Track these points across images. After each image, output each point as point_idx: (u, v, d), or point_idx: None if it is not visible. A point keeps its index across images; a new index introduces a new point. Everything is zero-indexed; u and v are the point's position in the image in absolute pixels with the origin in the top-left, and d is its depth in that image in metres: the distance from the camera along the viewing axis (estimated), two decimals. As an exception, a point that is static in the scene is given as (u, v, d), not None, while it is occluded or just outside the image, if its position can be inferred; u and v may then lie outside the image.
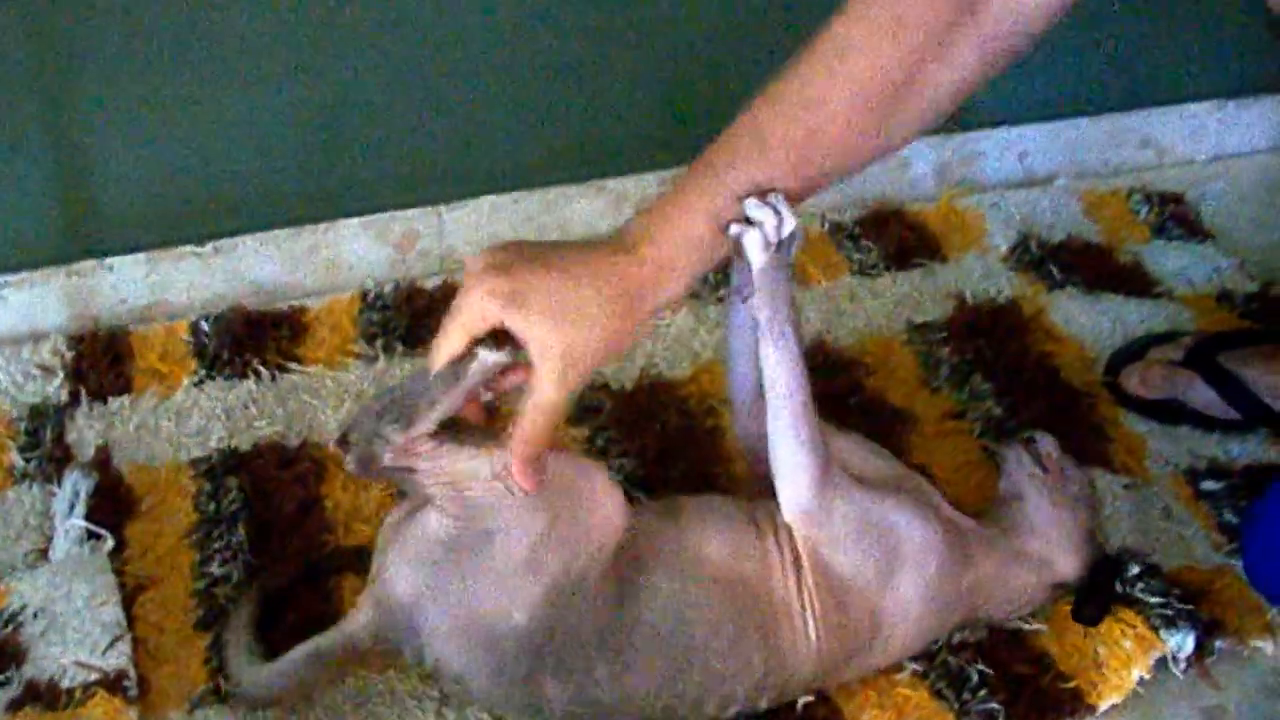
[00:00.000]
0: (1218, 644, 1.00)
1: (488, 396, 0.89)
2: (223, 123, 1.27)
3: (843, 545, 0.90)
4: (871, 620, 0.91)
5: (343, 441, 0.85)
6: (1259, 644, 1.01)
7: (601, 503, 0.87)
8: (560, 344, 0.81)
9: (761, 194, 0.87)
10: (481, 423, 0.89)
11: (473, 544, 0.84)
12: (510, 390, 0.87)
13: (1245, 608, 1.02)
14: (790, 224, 0.87)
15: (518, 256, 0.84)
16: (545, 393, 0.82)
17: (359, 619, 0.88)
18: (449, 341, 0.83)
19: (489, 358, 0.83)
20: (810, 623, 0.89)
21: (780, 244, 0.87)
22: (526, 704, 0.87)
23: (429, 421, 0.84)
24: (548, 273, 0.83)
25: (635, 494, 1.09)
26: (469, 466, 0.83)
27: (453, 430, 0.85)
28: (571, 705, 0.86)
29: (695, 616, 0.87)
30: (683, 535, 0.90)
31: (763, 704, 0.91)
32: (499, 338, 0.83)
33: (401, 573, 0.86)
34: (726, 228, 0.86)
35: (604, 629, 0.85)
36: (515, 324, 0.81)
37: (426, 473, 0.84)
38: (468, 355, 0.83)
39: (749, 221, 0.87)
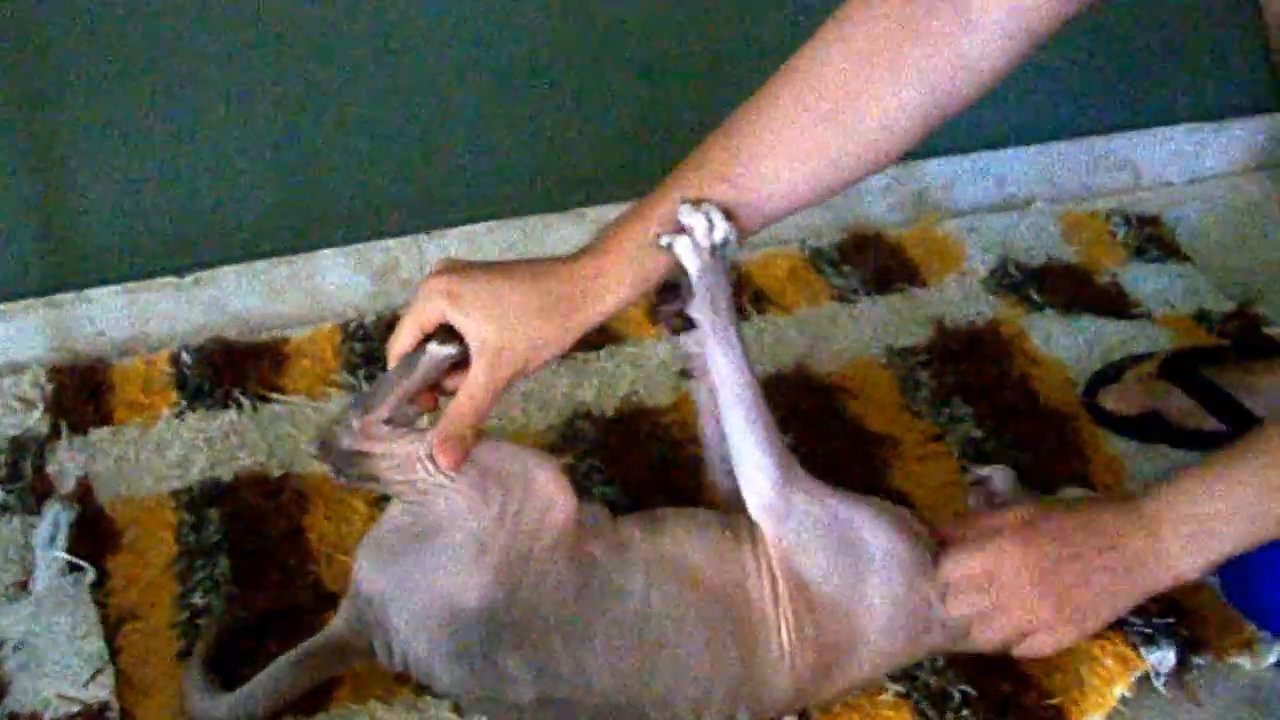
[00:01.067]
0: (1196, 661, 1.00)
1: (450, 389, 0.92)
2: (202, 154, 1.28)
3: (809, 548, 0.90)
4: (845, 631, 0.91)
5: (321, 445, 0.91)
6: (1238, 660, 1.01)
7: (547, 489, 0.89)
8: (493, 337, 0.88)
9: (695, 202, 0.91)
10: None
11: (425, 530, 0.88)
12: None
13: (1223, 623, 1.02)
14: (721, 229, 0.90)
15: (471, 263, 0.92)
16: (475, 378, 0.89)
17: (337, 621, 0.92)
18: (402, 336, 0.91)
19: (437, 352, 0.89)
20: (785, 632, 0.89)
21: (714, 249, 0.90)
22: (493, 688, 0.88)
23: (385, 409, 0.90)
24: (490, 275, 0.90)
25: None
26: (412, 449, 0.88)
27: (407, 419, 0.91)
28: (536, 686, 0.87)
29: (666, 616, 0.88)
30: (661, 540, 0.91)
31: (740, 716, 0.91)
32: (450, 333, 0.89)
33: (368, 566, 0.90)
34: (658, 237, 0.91)
35: (563, 612, 0.87)
36: (456, 319, 0.89)
37: (381, 457, 0.89)
38: (419, 349, 0.90)
39: (682, 230, 0.90)
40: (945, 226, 1.47)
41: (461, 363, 0.90)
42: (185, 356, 1.25)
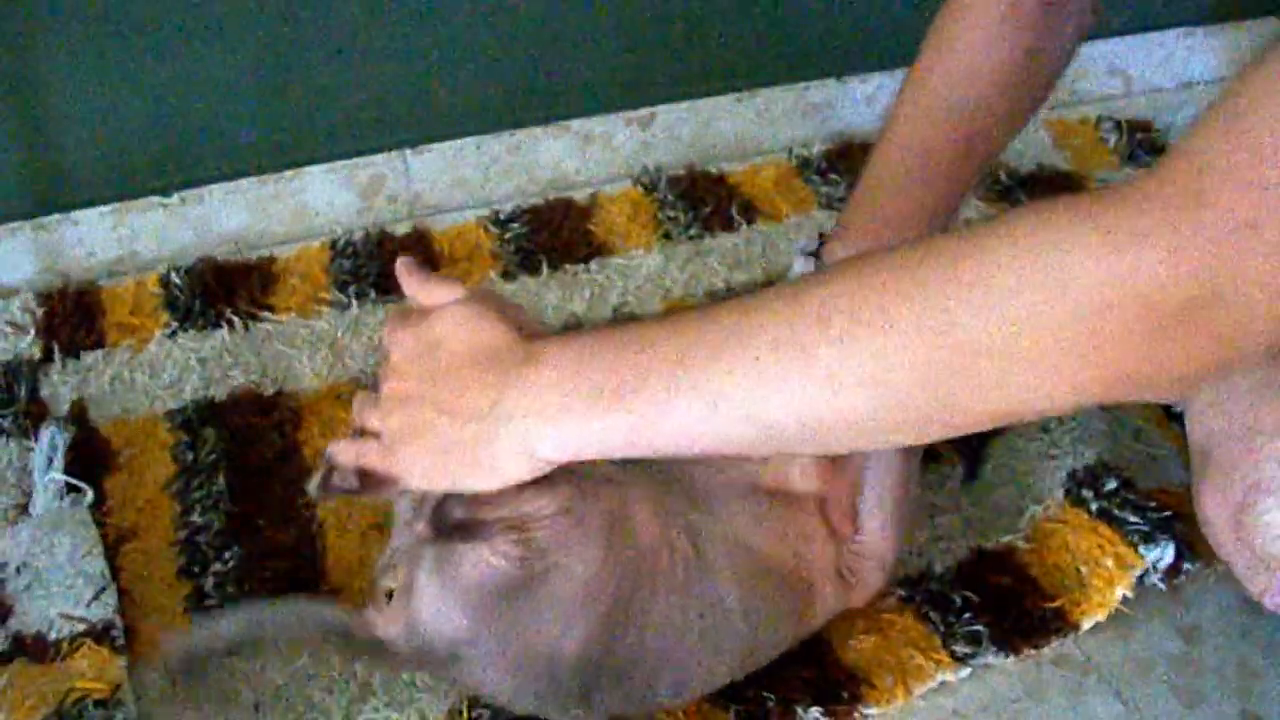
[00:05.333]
0: (1186, 566, 1.01)
1: None
2: (185, 72, 1.26)
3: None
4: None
5: (434, 519, 0.81)
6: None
7: (650, 530, 0.84)
8: None
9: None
10: None
11: (531, 585, 0.80)
12: None
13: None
14: None
15: None
16: None
17: (389, 633, 0.83)
18: None
19: None
20: (829, 590, 0.92)
21: None
22: (580, 710, 0.86)
23: None
24: None
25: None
26: (534, 508, 0.80)
27: None
28: (629, 709, 0.87)
29: (751, 610, 0.87)
30: (725, 528, 0.88)
31: None
32: None
33: (452, 615, 0.81)
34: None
35: (665, 646, 0.84)
36: None
37: (494, 521, 0.80)
38: None
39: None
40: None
41: None
42: (174, 278, 1.25)
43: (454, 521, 0.80)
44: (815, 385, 0.64)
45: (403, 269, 0.83)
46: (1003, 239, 0.59)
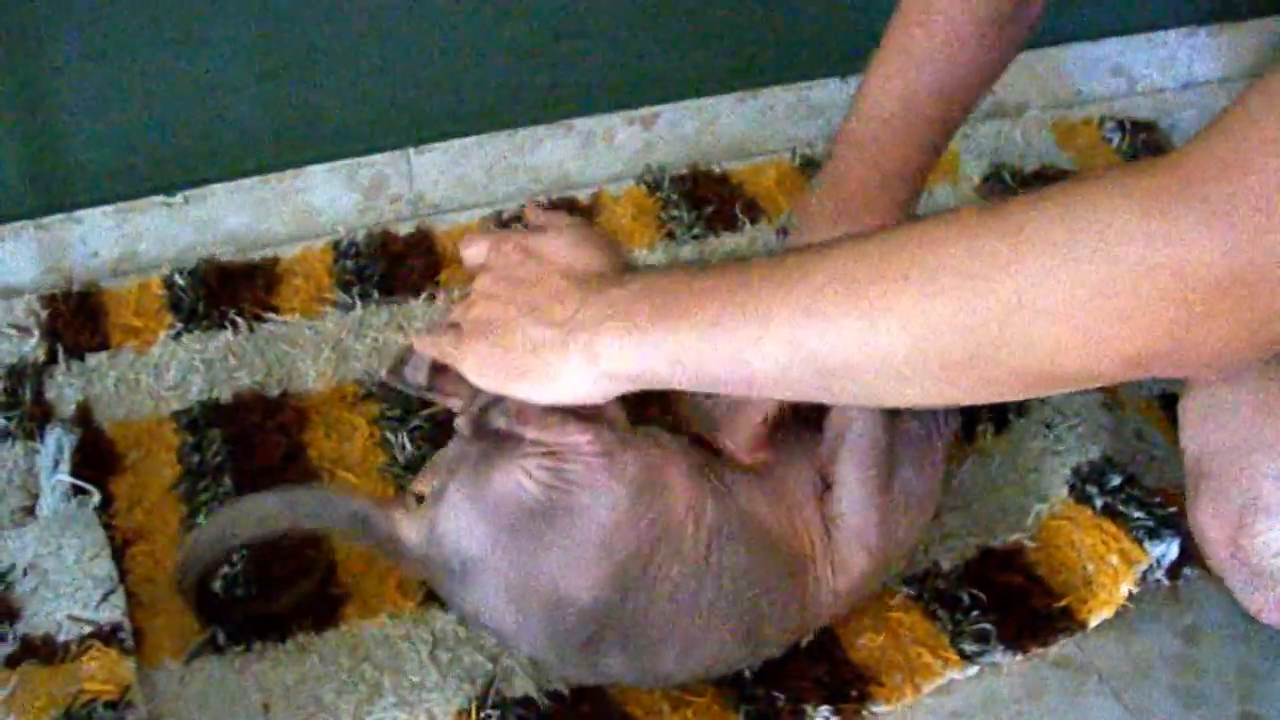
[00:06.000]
0: (1186, 570, 1.01)
1: None
2: (189, 71, 1.26)
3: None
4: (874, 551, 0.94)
5: (475, 421, 0.85)
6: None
7: (682, 498, 0.85)
8: None
9: None
10: None
11: (554, 516, 0.81)
12: None
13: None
14: None
15: None
16: None
17: (408, 535, 0.86)
18: None
19: None
20: (825, 568, 0.92)
21: None
22: (580, 668, 0.87)
23: None
24: None
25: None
26: (574, 440, 0.82)
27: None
28: (632, 674, 0.88)
29: (760, 584, 0.88)
30: (742, 502, 0.89)
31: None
32: None
33: (473, 527, 0.83)
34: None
35: (672, 614, 0.84)
36: None
37: (534, 441, 0.82)
38: None
39: None
40: (936, 133, 1.46)
41: None
42: (178, 279, 1.24)
43: (494, 428, 0.82)
44: (857, 321, 0.67)
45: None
46: (1056, 203, 0.61)
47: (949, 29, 0.95)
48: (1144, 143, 1.47)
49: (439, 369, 0.89)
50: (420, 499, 0.86)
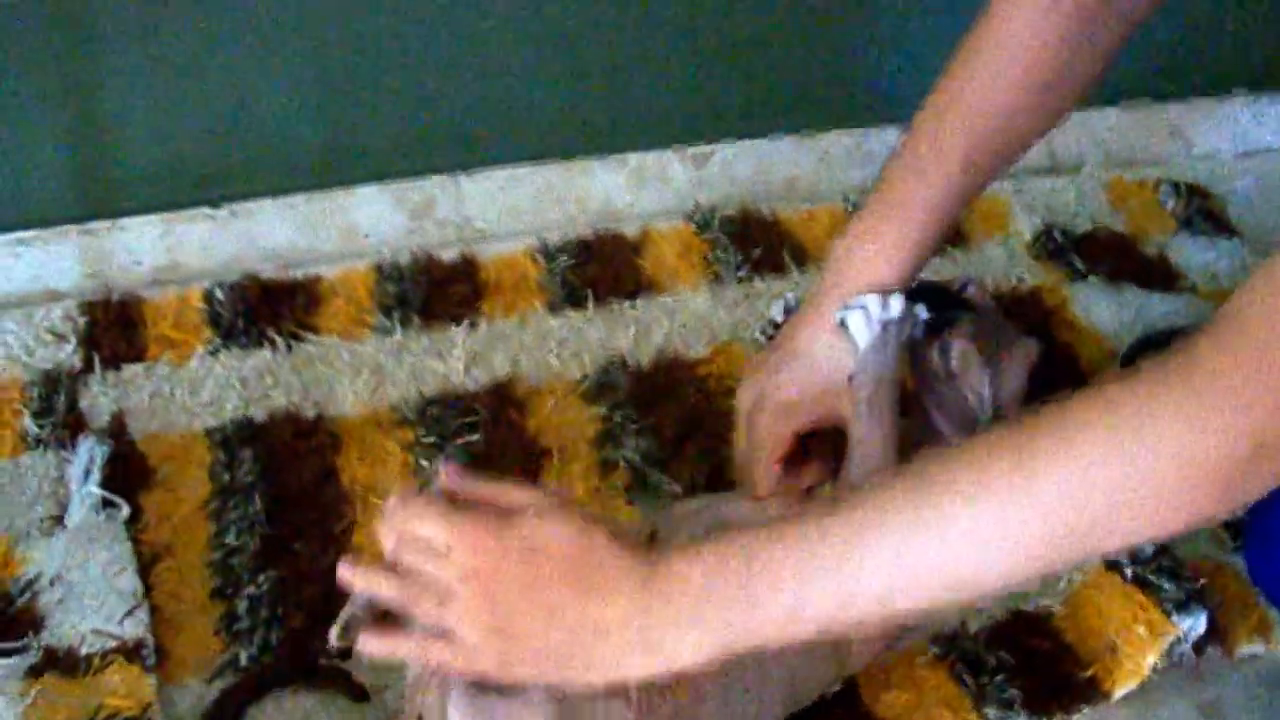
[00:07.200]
0: (1208, 648, 1.00)
1: None
2: (239, 85, 1.26)
3: None
4: None
5: None
6: (1252, 649, 1.01)
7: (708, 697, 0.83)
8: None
9: None
10: None
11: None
12: None
13: (1242, 608, 1.02)
14: (896, 308, 0.90)
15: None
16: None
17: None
18: None
19: None
20: None
21: (886, 326, 0.90)
22: None
23: None
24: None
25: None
26: None
27: None
28: None
29: (795, 665, 0.87)
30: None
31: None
32: None
33: None
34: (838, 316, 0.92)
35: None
36: None
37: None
38: None
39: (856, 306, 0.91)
40: (991, 188, 1.44)
41: None
42: (219, 294, 1.23)
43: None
44: (941, 553, 0.70)
45: (447, 472, 0.81)
46: (1095, 415, 0.68)
47: (994, 89, 0.94)
48: (1198, 209, 1.44)
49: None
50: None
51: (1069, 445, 0.68)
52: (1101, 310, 1.29)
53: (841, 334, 0.91)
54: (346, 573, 0.79)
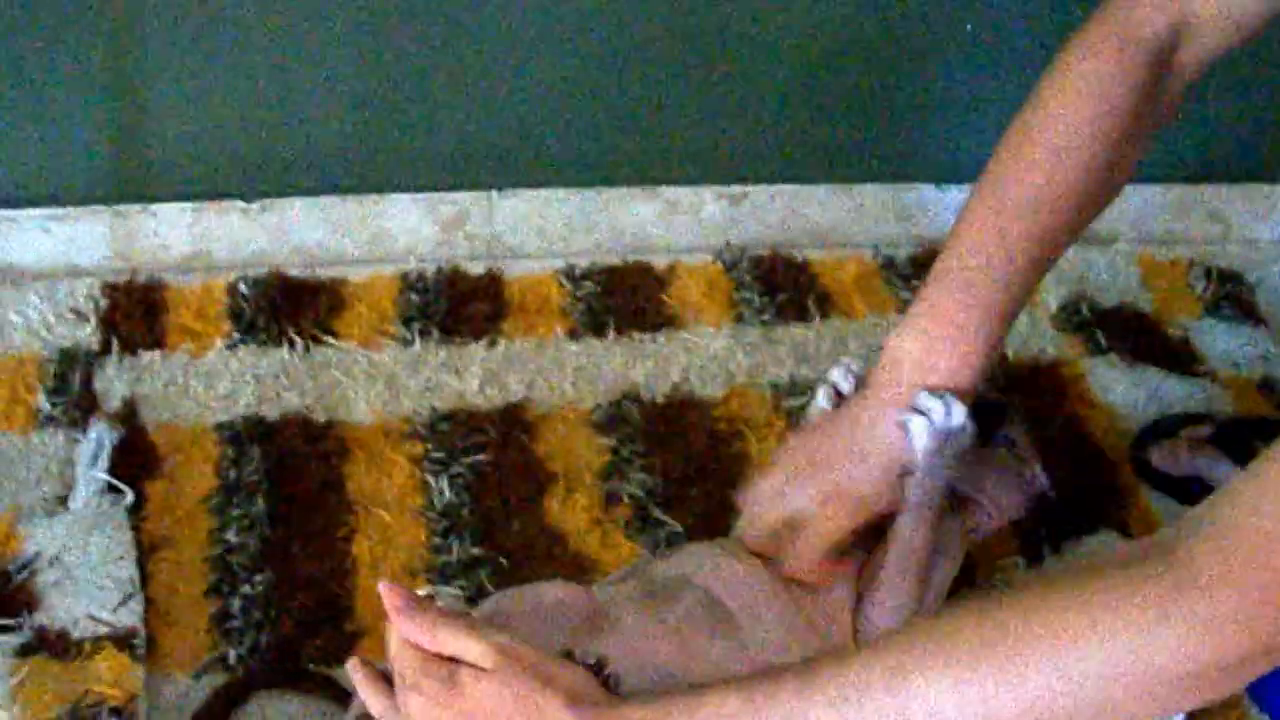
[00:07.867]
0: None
1: None
2: (279, 82, 1.26)
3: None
4: None
5: None
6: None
7: None
8: None
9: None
10: None
11: None
12: None
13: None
14: (958, 418, 0.89)
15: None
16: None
17: None
18: None
19: None
20: None
21: (948, 435, 0.89)
22: None
23: None
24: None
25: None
26: None
27: None
28: None
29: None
30: (768, 637, 0.88)
31: None
32: None
33: None
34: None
35: None
36: None
37: None
38: None
39: (918, 410, 0.90)
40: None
41: None
42: (243, 288, 1.24)
43: None
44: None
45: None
46: (1088, 623, 0.67)
47: (1049, 177, 0.93)
48: (1228, 294, 1.43)
49: None
50: None
51: (1058, 649, 0.67)
52: (1118, 388, 1.28)
53: (900, 430, 0.91)
54: (352, 673, 0.78)
